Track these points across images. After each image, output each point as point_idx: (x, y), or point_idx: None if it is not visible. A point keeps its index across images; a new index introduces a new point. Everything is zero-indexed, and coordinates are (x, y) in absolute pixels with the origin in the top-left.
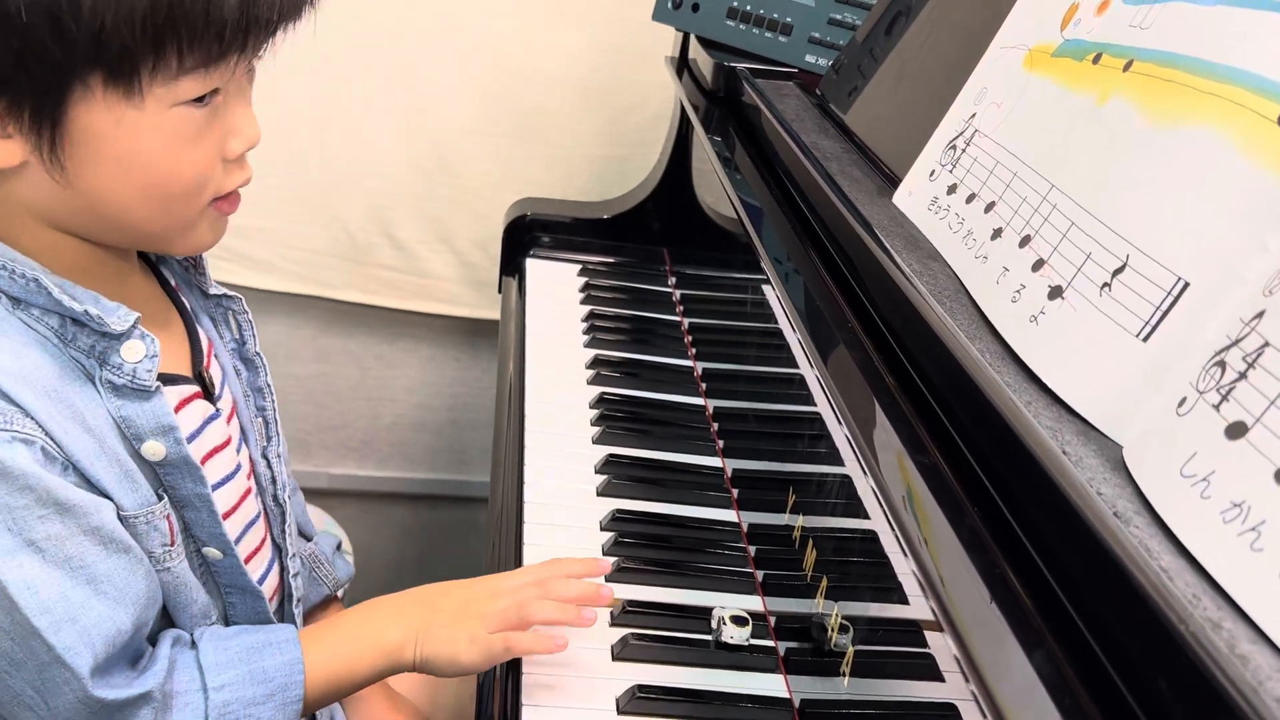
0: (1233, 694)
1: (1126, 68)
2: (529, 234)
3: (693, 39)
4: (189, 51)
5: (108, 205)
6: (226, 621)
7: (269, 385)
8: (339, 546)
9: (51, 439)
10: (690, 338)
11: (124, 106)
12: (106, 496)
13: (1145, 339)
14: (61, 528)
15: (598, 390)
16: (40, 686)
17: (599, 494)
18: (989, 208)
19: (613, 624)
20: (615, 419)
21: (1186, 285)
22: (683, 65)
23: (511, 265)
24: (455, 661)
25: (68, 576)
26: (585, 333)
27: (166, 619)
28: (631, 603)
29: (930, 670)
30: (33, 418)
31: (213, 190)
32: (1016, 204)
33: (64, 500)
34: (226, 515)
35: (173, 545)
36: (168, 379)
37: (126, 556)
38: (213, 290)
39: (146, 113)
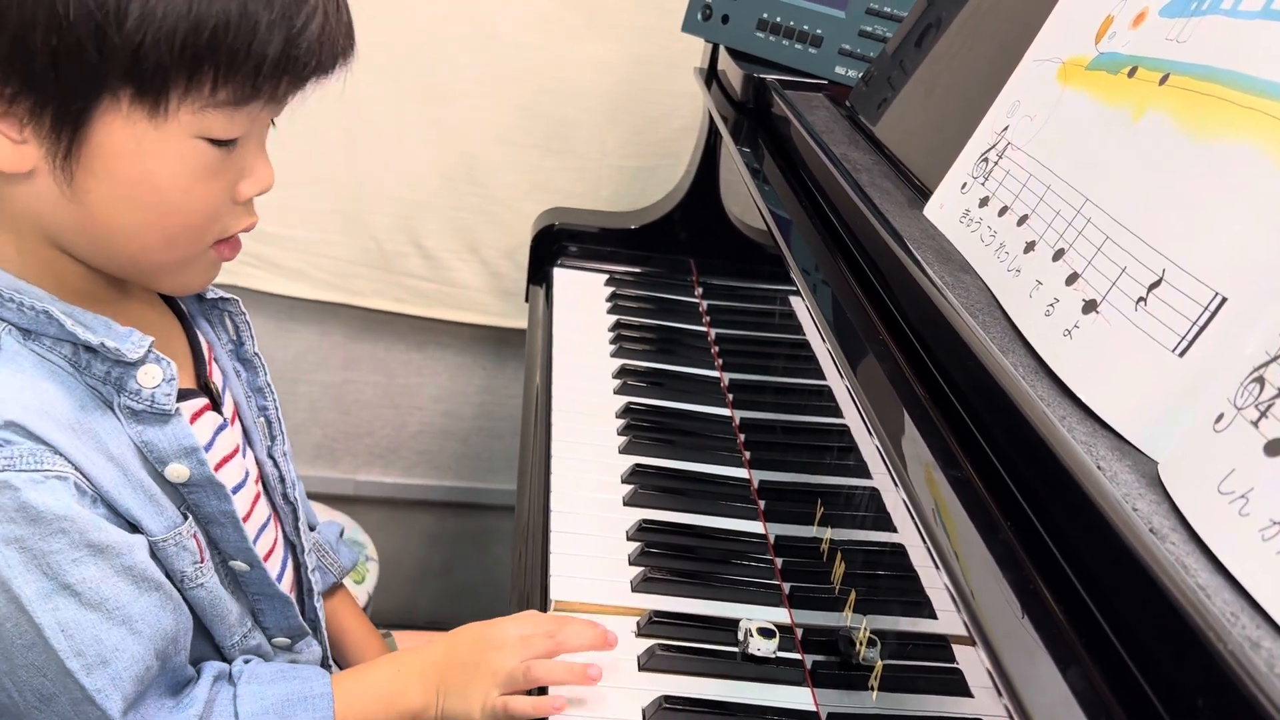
0: (1273, 715)
1: (1163, 81)
2: (556, 243)
3: (722, 50)
4: (223, 82)
5: (109, 227)
6: (256, 625)
7: (269, 384)
8: (341, 534)
9: (81, 472)
10: (716, 348)
11: (146, 125)
12: (135, 524)
13: (1182, 354)
14: (96, 570)
15: (624, 400)
16: None
17: (625, 504)
18: (1022, 221)
19: (639, 634)
20: (641, 429)
21: (1224, 300)
22: (711, 76)
23: (539, 274)
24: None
25: (103, 619)
26: (612, 342)
27: (203, 633)
28: (657, 613)
29: (959, 686)
30: (61, 453)
31: (219, 230)
32: (1050, 217)
33: (97, 541)
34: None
35: (203, 562)
36: (179, 394)
37: (158, 594)
38: (209, 294)
39: (166, 136)
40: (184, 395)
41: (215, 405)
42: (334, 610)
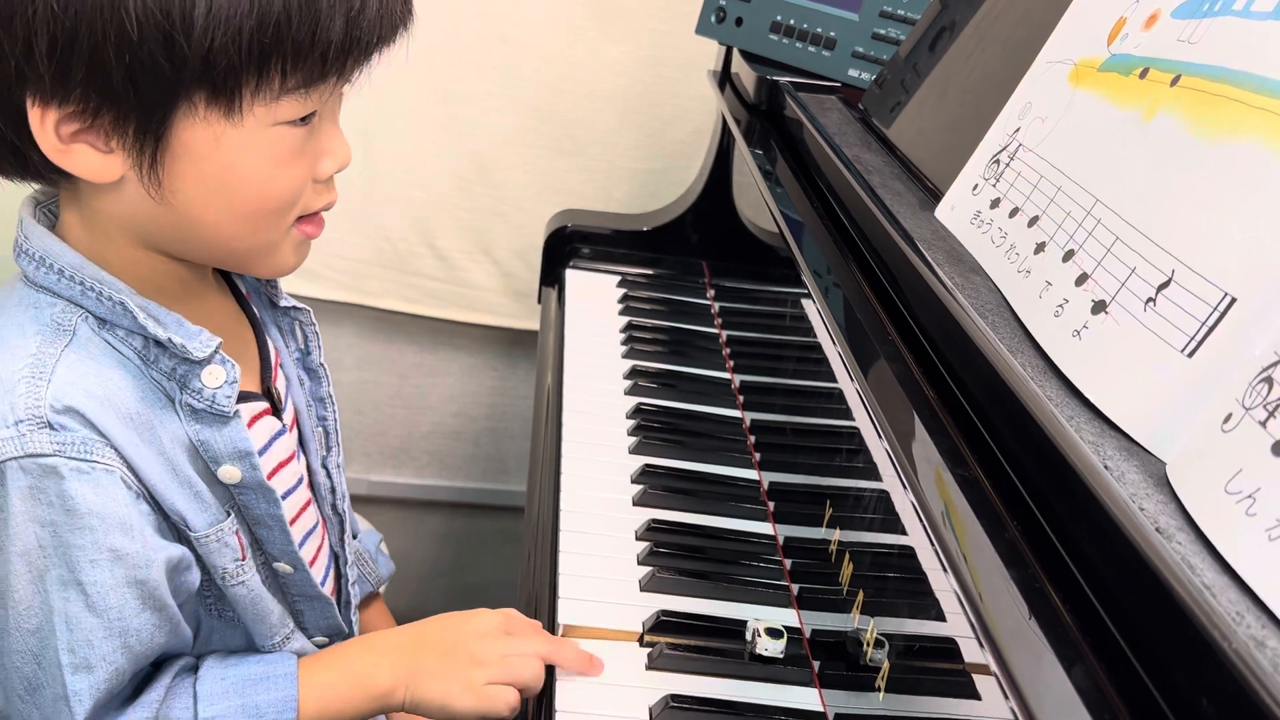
0: (1278, 714)
1: (1174, 82)
2: (569, 245)
3: (735, 53)
4: (292, 72)
5: (200, 222)
6: (299, 627)
7: (330, 395)
8: (380, 543)
9: (129, 466)
10: (728, 350)
11: (224, 124)
12: (180, 518)
13: (1190, 354)
14: (109, 575)
15: (635, 400)
16: (47, 717)
17: (635, 504)
18: (1032, 222)
19: (647, 634)
20: (652, 429)
21: (1233, 301)
22: (725, 79)
23: (551, 276)
24: (447, 708)
25: (102, 626)
26: (623, 344)
27: (244, 635)
28: (666, 613)
29: (966, 687)
30: (113, 445)
31: (299, 209)
32: (1060, 218)
33: (118, 547)
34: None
35: (244, 559)
36: (240, 396)
37: (159, 614)
38: (283, 302)
39: (245, 131)
40: (246, 398)
41: (276, 411)
42: (369, 621)
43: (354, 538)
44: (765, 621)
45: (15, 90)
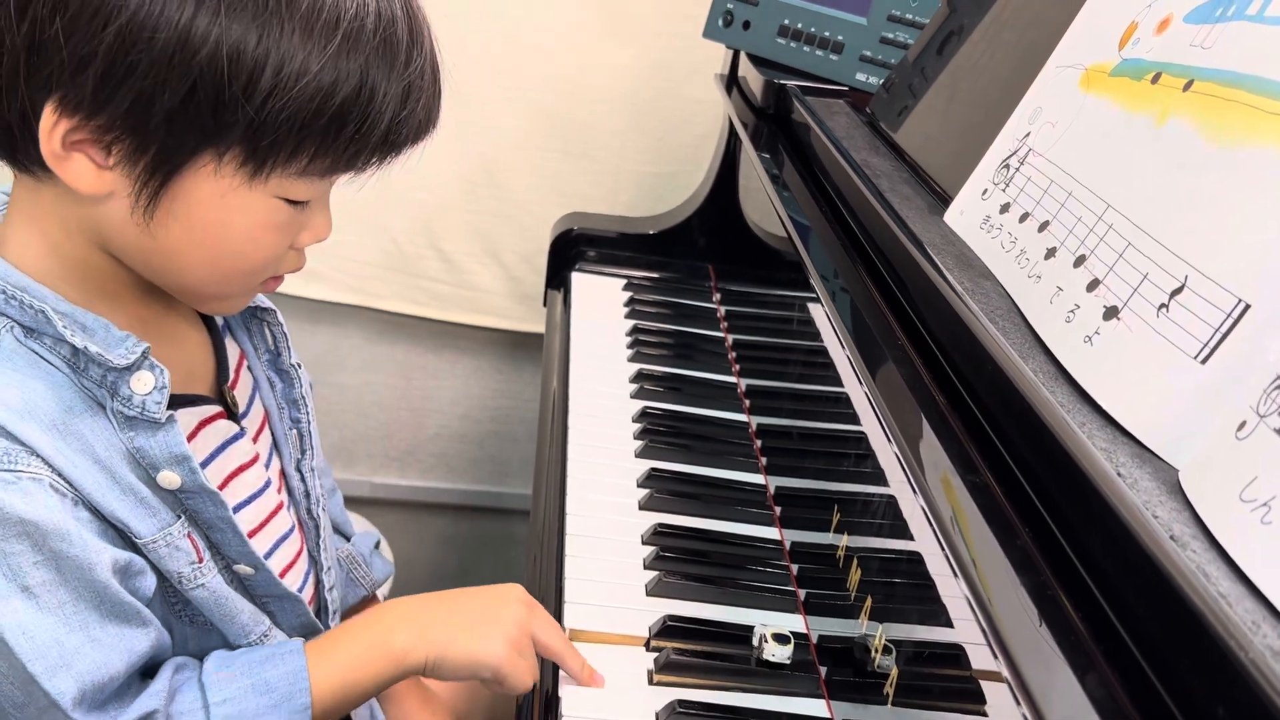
0: None
1: (1187, 87)
2: (575, 248)
3: (743, 56)
4: (321, 157)
5: (173, 260)
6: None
7: (304, 397)
8: (377, 545)
9: (59, 475)
10: (734, 354)
11: (238, 183)
12: (122, 527)
13: (1204, 361)
14: (55, 574)
15: (641, 404)
16: None
17: (641, 508)
18: (1043, 227)
19: (653, 639)
20: (658, 433)
21: (1247, 307)
22: (732, 82)
23: (557, 279)
24: (476, 662)
25: (61, 622)
26: (629, 347)
27: (218, 636)
28: (672, 618)
29: (975, 695)
30: (38, 454)
31: (271, 272)
32: (1071, 224)
33: (58, 551)
34: (255, 532)
35: (201, 562)
36: (187, 400)
37: (121, 609)
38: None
39: (252, 195)
40: (192, 402)
41: (232, 415)
42: None
43: (348, 539)
44: (772, 627)
45: (40, 91)
